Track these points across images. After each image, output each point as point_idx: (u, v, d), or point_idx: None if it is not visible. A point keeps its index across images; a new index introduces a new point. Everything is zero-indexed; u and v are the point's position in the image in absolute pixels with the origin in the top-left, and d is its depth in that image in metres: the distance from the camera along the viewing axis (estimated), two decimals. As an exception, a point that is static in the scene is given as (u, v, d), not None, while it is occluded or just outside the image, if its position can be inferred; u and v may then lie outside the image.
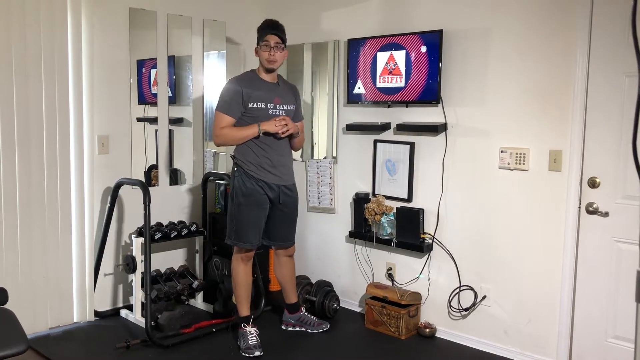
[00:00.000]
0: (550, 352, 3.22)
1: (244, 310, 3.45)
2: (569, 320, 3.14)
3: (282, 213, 3.50)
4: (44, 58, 3.47)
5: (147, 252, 3.50)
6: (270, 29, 3.35)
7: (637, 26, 1.32)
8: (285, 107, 3.42)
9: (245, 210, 3.36)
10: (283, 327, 3.77)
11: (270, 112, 3.36)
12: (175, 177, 4.32)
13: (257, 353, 3.28)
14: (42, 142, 3.51)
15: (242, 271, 3.45)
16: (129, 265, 3.70)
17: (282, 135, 3.33)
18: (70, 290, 3.73)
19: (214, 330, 3.64)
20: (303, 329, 3.73)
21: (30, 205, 3.49)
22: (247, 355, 3.30)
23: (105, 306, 3.97)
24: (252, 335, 3.36)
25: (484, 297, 3.47)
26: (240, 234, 3.37)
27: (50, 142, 3.55)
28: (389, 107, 3.84)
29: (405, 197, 3.78)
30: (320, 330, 3.71)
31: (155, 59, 4.09)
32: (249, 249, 3.42)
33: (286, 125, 3.32)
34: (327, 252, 4.29)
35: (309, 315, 3.78)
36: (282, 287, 3.74)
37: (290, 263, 3.69)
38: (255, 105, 3.32)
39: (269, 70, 3.38)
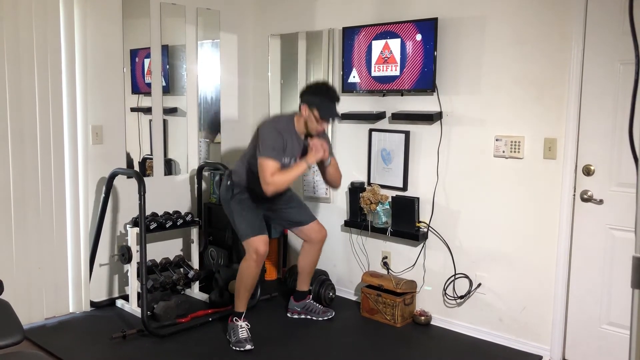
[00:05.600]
0: (544, 338, 3.25)
1: (241, 306, 3.41)
2: (564, 307, 3.17)
3: (284, 209, 3.57)
4: (36, 48, 3.44)
5: (142, 242, 3.49)
6: (334, 110, 3.28)
7: (634, 13, 1.32)
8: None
9: (241, 206, 3.39)
10: (288, 314, 3.79)
11: (289, 165, 3.33)
12: (169, 167, 4.31)
13: (248, 347, 3.26)
14: (36, 133, 3.49)
15: (251, 272, 3.34)
16: (125, 255, 3.70)
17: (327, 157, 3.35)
18: (65, 280, 3.72)
19: (210, 319, 3.64)
20: (308, 317, 3.75)
21: (25, 196, 3.48)
22: (237, 348, 3.27)
23: (101, 296, 3.97)
24: (243, 329, 3.34)
25: (479, 284, 3.48)
26: (247, 226, 3.35)
27: (44, 133, 3.52)
28: (384, 95, 3.83)
29: (401, 186, 3.79)
30: (326, 318, 3.73)
31: (149, 48, 4.06)
32: (260, 234, 3.33)
33: (322, 146, 3.30)
34: (323, 241, 4.29)
35: (315, 303, 3.80)
36: (300, 273, 3.75)
37: (318, 253, 3.70)
38: (284, 159, 3.30)
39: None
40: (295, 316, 3.77)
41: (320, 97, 3.24)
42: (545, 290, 3.22)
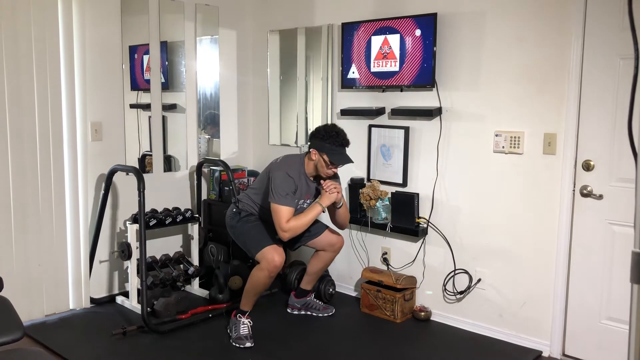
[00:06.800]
0: (544, 334, 3.25)
1: (247, 305, 3.38)
2: (563, 302, 3.17)
3: None
4: (35, 45, 3.43)
5: (142, 238, 3.49)
6: (344, 155, 3.28)
7: (633, 8, 1.31)
8: (309, 201, 3.40)
9: (249, 224, 3.39)
10: (288, 310, 3.80)
11: (298, 207, 3.34)
12: (169, 163, 4.30)
13: (248, 344, 3.24)
14: (35, 130, 3.48)
15: (263, 282, 3.27)
16: (124, 252, 3.70)
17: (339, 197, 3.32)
18: (65, 277, 3.72)
19: (210, 315, 3.65)
20: (308, 313, 3.75)
21: (24, 193, 3.47)
22: (237, 345, 3.26)
23: (101, 293, 3.97)
24: (245, 325, 3.32)
25: (479, 280, 3.49)
26: (256, 237, 3.34)
27: (43, 130, 3.52)
28: (383, 91, 3.83)
29: (400, 181, 3.79)
30: (326, 315, 3.73)
31: (148, 44, 4.05)
32: (273, 244, 3.29)
33: (336, 188, 3.30)
34: (323, 238, 4.29)
35: (315, 300, 3.80)
36: (308, 274, 3.72)
37: (331, 260, 3.66)
38: (297, 203, 3.33)
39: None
40: (295, 312, 3.78)
41: (329, 143, 3.23)
42: (545, 286, 3.22)
